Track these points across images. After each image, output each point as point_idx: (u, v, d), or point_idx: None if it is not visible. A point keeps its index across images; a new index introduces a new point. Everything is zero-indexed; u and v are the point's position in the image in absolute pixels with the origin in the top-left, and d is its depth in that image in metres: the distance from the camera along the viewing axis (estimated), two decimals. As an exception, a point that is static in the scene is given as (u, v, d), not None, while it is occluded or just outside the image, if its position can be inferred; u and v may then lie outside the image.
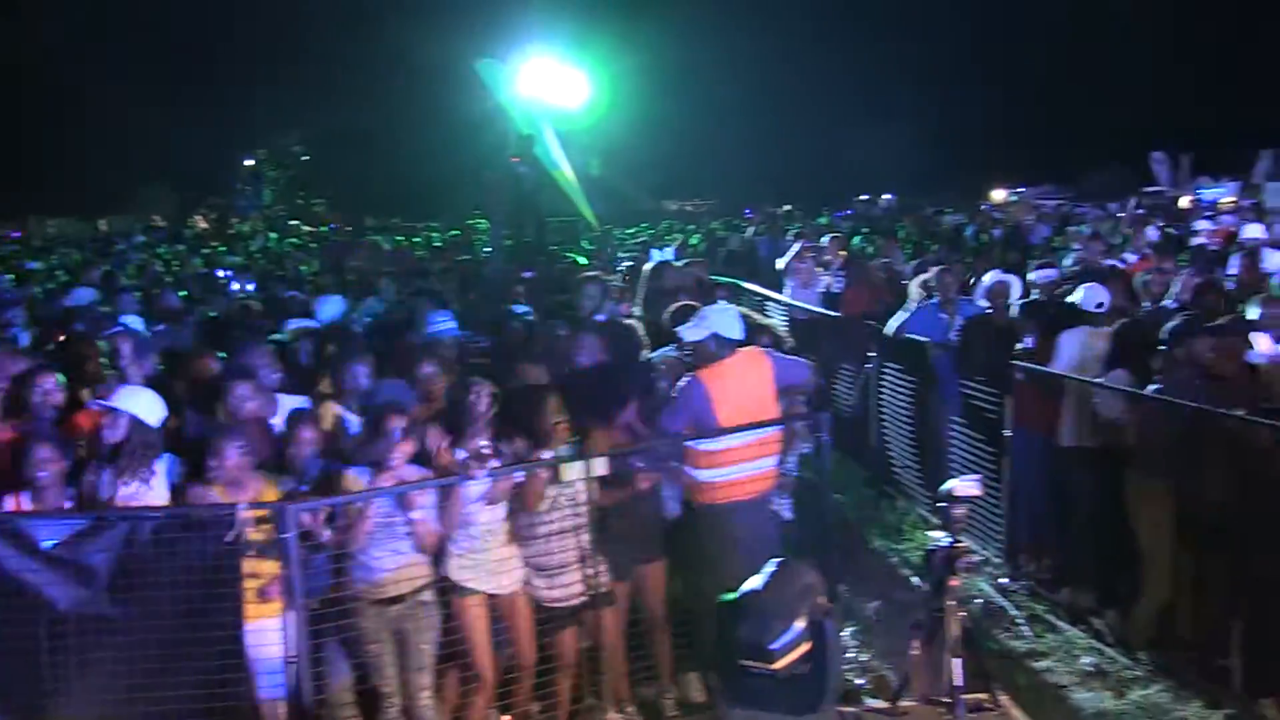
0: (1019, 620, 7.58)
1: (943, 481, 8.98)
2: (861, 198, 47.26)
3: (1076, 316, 8.06)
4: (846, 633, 6.57)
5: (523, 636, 5.94)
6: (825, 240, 12.91)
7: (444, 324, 8.23)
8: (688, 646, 6.56)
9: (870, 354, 10.40)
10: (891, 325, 9.92)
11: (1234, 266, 11.12)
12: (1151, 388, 6.88)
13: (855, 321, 10.90)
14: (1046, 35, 54.65)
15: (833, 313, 11.88)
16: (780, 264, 12.89)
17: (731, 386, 6.26)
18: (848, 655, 6.65)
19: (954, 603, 4.06)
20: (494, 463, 5.53)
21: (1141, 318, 7.67)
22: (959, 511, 4.28)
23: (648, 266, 10.14)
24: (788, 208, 42.58)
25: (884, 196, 47.41)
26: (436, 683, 5.83)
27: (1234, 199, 33.94)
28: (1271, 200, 30.06)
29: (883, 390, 10.26)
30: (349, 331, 8.42)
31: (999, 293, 8.97)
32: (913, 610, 6.53)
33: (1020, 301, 9.05)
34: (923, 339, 9.45)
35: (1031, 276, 9.98)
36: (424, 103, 45.16)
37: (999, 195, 45.75)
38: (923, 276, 10.45)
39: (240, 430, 5.48)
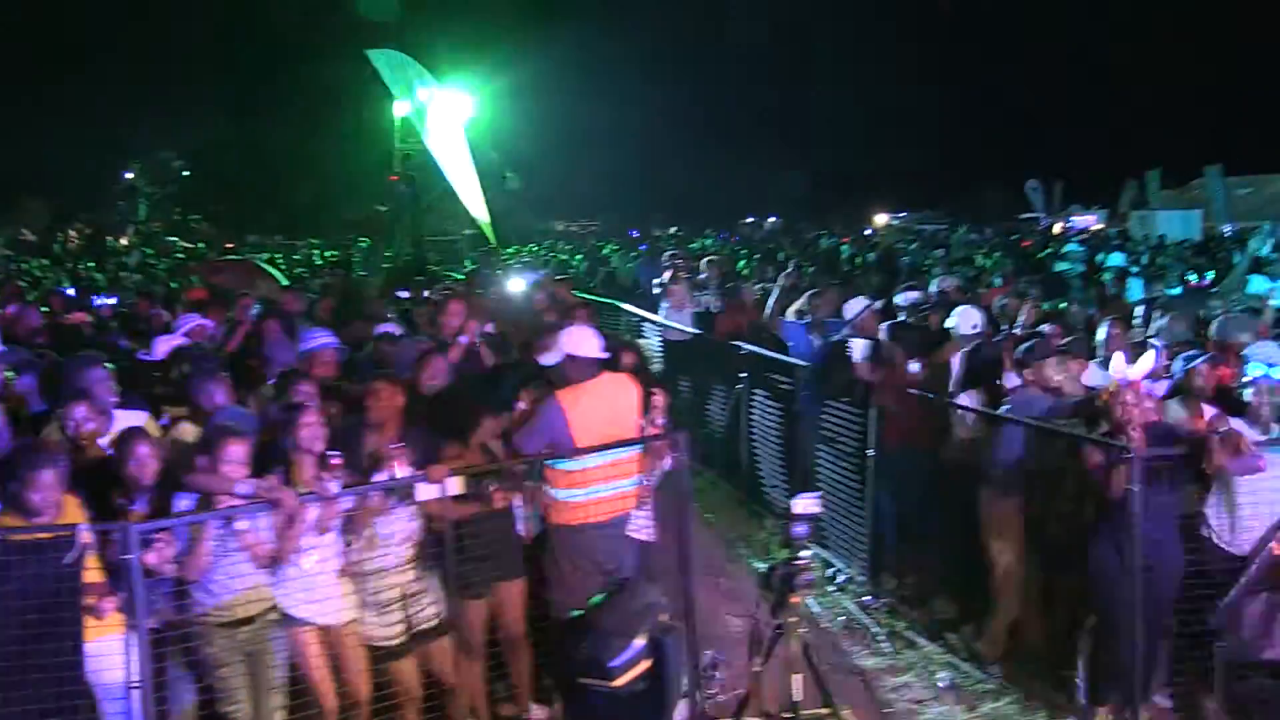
0: (880, 637, 7.72)
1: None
2: (747, 220, 48.15)
3: (948, 339, 8.31)
4: (708, 652, 6.60)
5: (353, 674, 5.84)
6: (702, 263, 13.05)
7: (319, 341, 8.08)
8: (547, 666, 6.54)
9: (741, 375, 10.53)
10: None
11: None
12: (1003, 408, 7.10)
13: (726, 343, 11.02)
14: (929, 68, 56.16)
15: (705, 333, 12.00)
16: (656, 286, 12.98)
17: (590, 408, 6.27)
18: (712, 673, 6.68)
19: (794, 619, 4.12)
20: (336, 482, 5.46)
21: (991, 341, 7.90)
22: (800, 529, 4.35)
23: (518, 286, 10.14)
24: (674, 229, 43.12)
25: (769, 219, 48.36)
26: (288, 704, 5.72)
27: (1102, 225, 35.32)
28: (1135, 228, 31.26)
29: (753, 410, 10.39)
30: (203, 351, 8.26)
31: (868, 317, 9.16)
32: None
33: (887, 324, 9.24)
34: (789, 360, 9.59)
35: (897, 299, 10.22)
36: (309, 119, 44.61)
37: (881, 219, 46.92)
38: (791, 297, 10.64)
39: (52, 455, 5.28)
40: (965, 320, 8.17)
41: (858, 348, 8.31)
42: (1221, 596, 6.21)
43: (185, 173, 50.90)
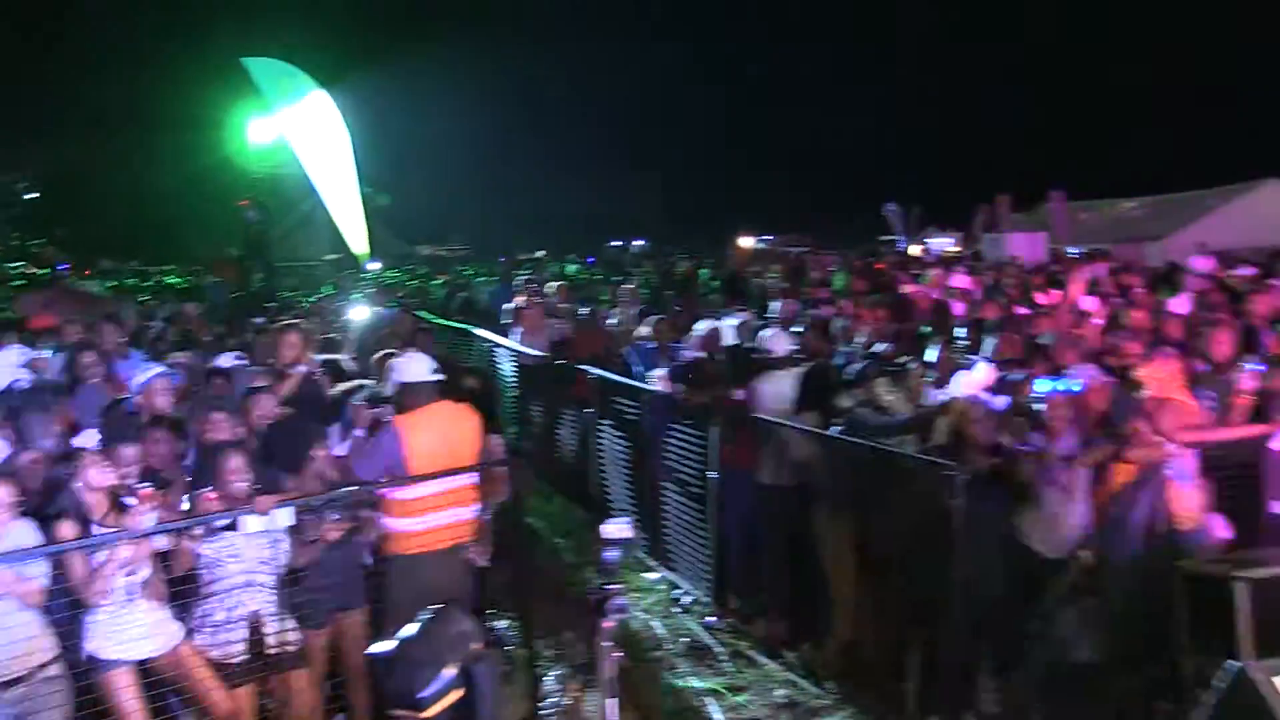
0: (722, 657, 7.85)
1: (658, 523, 9.35)
2: (614, 243, 48.37)
3: (770, 362, 8.50)
4: (551, 675, 6.63)
5: (202, 692, 5.73)
6: (549, 287, 13.11)
7: (151, 373, 7.89)
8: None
9: (590, 399, 10.60)
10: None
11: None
12: (835, 428, 7.31)
13: (576, 367, 11.09)
14: (794, 92, 57.49)
15: (558, 358, 12.05)
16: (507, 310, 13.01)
17: (425, 435, 6.28)
18: (554, 700, 6.72)
19: (608, 644, 4.20)
20: (147, 509, 5.36)
21: (825, 362, 8.13)
22: (612, 554, 4.43)
23: (362, 313, 10.07)
24: (541, 253, 43.13)
25: (635, 242, 48.69)
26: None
27: (958, 249, 36.39)
28: (989, 251, 32.27)
29: (601, 435, 10.47)
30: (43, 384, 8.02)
31: (710, 339, 9.32)
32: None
33: (726, 346, 9.44)
34: (635, 383, 9.70)
35: (725, 322, 10.42)
36: (163, 143, 43.54)
37: (746, 242, 47.59)
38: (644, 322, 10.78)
39: None
40: (776, 343, 8.37)
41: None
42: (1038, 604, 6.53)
43: (30, 195, 49.17)
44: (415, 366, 6.38)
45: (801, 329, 9.82)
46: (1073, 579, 6.53)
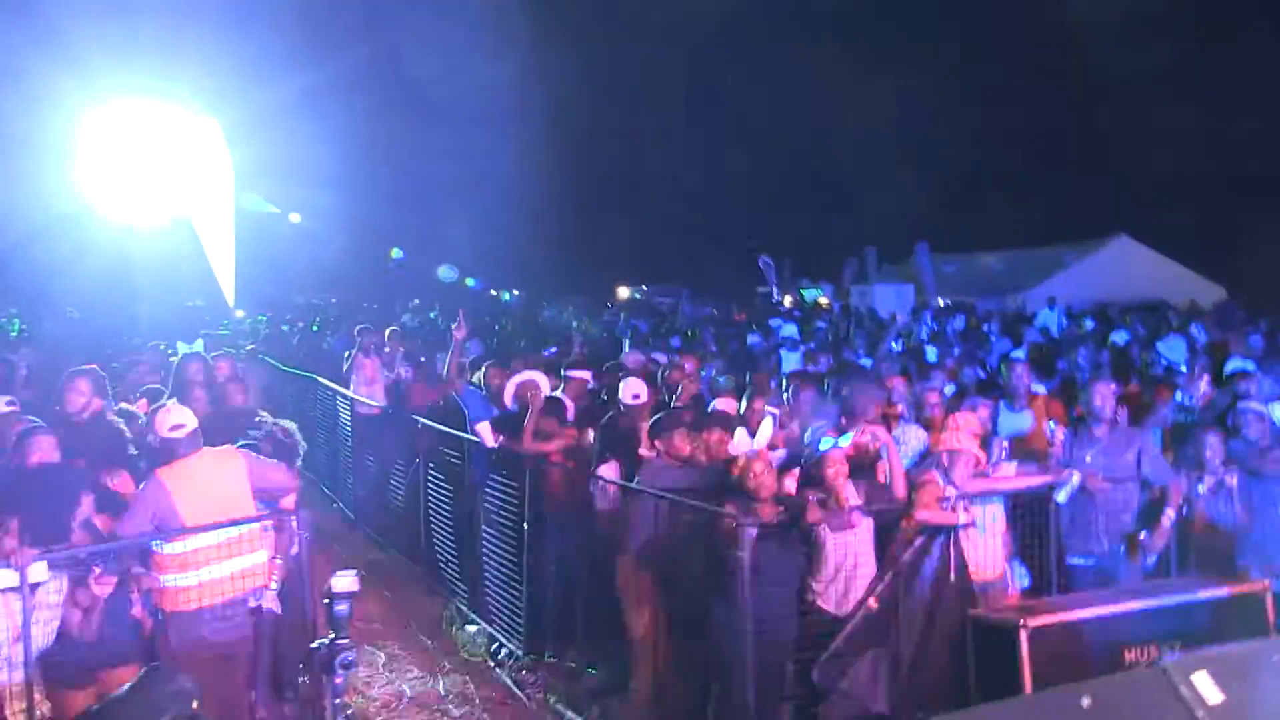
0: (532, 710, 7.71)
1: (481, 575, 9.21)
2: (488, 292, 48.33)
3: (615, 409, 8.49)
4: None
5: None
6: (385, 334, 12.94)
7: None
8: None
9: (420, 449, 10.45)
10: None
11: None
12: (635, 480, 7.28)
13: (407, 417, 10.93)
14: (670, 142, 58.20)
15: (396, 408, 11.88)
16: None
17: (189, 485, 6.06)
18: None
19: (338, 700, 4.06)
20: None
21: (620, 411, 8.13)
22: (341, 608, 4.29)
23: (176, 359, 9.79)
24: (416, 301, 42.76)
25: (512, 292, 48.69)
26: None
27: (828, 300, 37.05)
28: (857, 302, 32.93)
29: (430, 485, 10.31)
30: None
31: (527, 388, 9.22)
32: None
33: (545, 398, 9.34)
34: (460, 434, 9.57)
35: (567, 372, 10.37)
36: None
37: (624, 292, 48.01)
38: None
39: None
40: (626, 391, 8.36)
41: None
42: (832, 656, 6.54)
43: None
44: (173, 416, 6.17)
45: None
46: (862, 629, 6.57)
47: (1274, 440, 7.61)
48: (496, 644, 8.75)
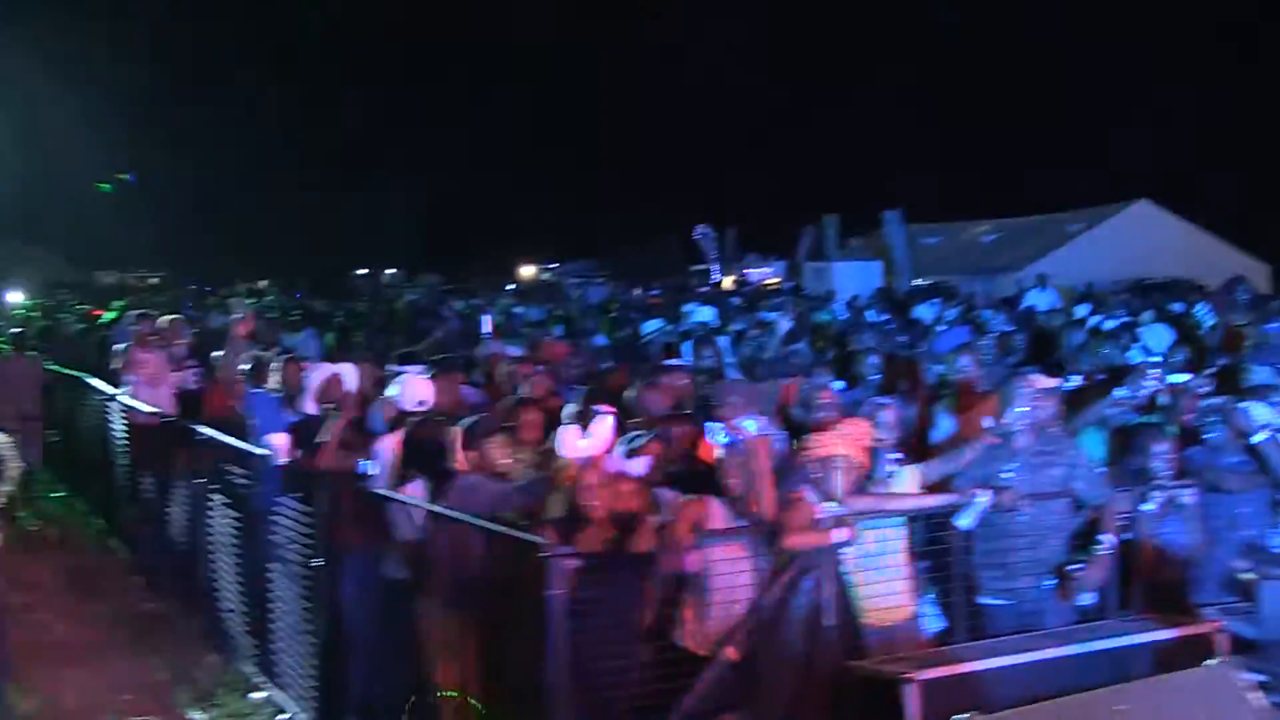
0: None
1: (270, 626, 9.15)
2: (359, 272, 48.30)
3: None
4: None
5: None
6: (160, 322, 12.77)
7: None
8: None
9: (202, 470, 10.37)
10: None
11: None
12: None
13: (194, 429, 10.79)
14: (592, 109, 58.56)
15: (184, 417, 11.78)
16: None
17: None
18: None
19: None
20: None
21: (435, 415, 8.12)
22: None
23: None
24: (264, 282, 42.63)
25: (388, 271, 48.66)
26: None
27: (778, 279, 37.26)
28: (812, 284, 33.12)
29: (212, 514, 10.22)
30: None
31: (329, 388, 9.16)
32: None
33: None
34: (244, 447, 9.50)
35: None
36: None
37: (528, 271, 48.07)
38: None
39: None
40: (407, 392, 8.35)
41: None
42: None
43: None
44: None
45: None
46: (719, 685, 6.61)
47: (1246, 450, 7.71)
48: (286, 715, 8.71)
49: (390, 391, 8.70)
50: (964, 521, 7.08)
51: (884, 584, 7.19)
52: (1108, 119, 47.08)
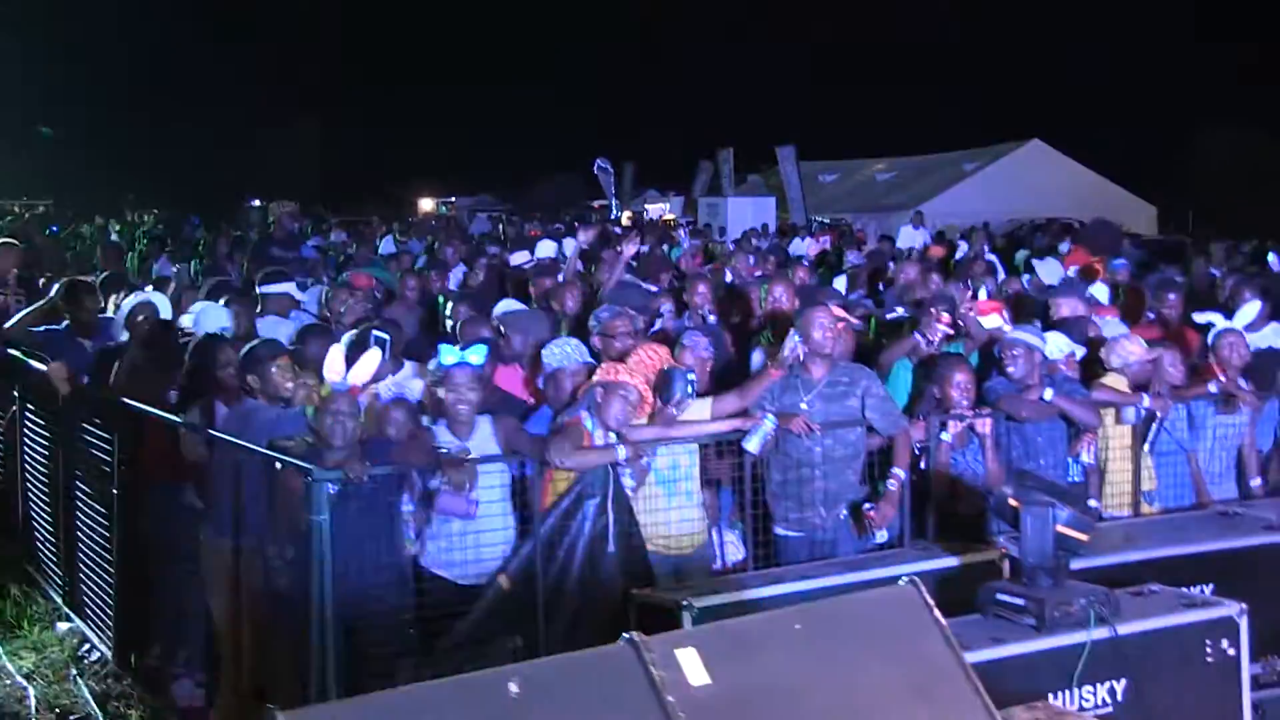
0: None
1: (75, 558, 9.00)
2: (253, 204, 47.68)
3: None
4: None
5: None
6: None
7: None
8: None
9: (13, 393, 10.17)
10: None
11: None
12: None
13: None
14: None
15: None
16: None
17: None
18: None
19: None
20: None
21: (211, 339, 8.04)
22: None
23: None
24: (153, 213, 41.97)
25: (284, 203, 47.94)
26: None
27: (674, 216, 37.25)
28: (706, 217, 33.12)
29: (29, 441, 10.03)
30: None
31: (136, 316, 9.00)
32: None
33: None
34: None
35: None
36: None
37: (427, 205, 47.73)
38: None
39: None
40: (207, 319, 8.23)
41: None
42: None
43: None
44: None
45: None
46: (491, 607, 6.59)
47: (1043, 379, 7.76)
48: (87, 645, 8.59)
49: (185, 321, 8.53)
50: (750, 446, 7.07)
51: (675, 512, 7.21)
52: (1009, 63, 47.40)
